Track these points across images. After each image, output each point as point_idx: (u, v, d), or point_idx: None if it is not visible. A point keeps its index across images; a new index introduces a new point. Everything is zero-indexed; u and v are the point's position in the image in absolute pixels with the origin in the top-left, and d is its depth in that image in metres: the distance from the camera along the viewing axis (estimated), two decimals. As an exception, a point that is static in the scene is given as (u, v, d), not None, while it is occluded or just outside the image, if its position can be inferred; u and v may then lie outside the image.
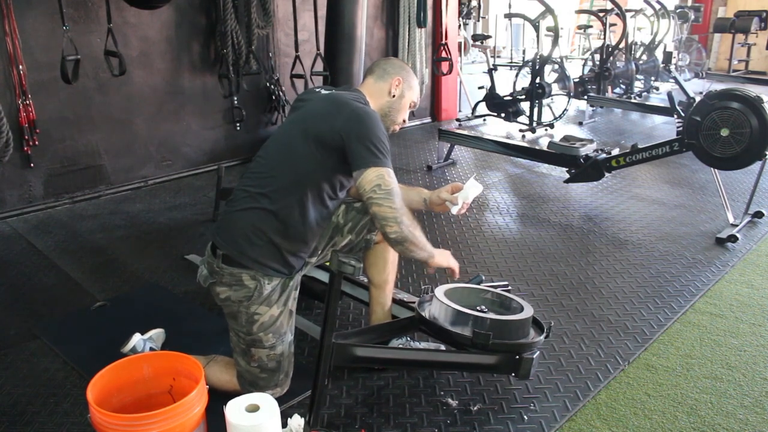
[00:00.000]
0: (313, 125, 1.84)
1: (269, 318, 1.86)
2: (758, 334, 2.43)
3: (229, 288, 1.84)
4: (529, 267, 3.03)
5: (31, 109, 3.73)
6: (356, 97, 1.91)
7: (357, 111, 1.81)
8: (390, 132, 2.00)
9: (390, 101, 2.00)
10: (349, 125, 1.77)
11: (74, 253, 3.26)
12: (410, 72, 2.05)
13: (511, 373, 1.93)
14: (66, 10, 3.63)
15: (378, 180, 1.73)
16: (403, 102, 2.02)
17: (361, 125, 1.78)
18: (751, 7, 9.15)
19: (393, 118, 2.03)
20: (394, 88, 1.99)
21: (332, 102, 1.88)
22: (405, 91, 2.01)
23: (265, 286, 1.83)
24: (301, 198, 1.82)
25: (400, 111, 2.03)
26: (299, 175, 1.82)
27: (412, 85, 2.04)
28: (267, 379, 1.92)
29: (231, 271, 1.82)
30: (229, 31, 4.35)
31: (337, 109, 1.83)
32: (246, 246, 1.81)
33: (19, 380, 2.16)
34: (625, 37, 6.98)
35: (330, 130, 1.79)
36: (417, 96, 2.07)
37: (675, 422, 1.92)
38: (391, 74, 2.00)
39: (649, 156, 3.60)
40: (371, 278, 2.20)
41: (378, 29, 5.83)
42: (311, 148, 1.81)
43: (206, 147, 4.75)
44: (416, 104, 2.09)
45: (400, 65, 2.05)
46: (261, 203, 1.82)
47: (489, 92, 6.05)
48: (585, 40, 10.36)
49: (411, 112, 2.12)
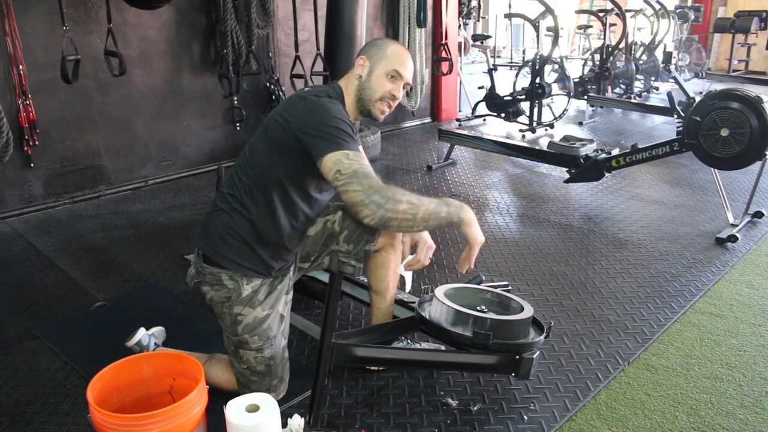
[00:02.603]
0: (271, 127, 1.81)
1: (253, 320, 1.86)
2: (758, 334, 2.43)
3: (211, 287, 1.86)
4: (529, 267, 3.03)
5: (31, 109, 3.73)
6: (318, 92, 1.83)
7: (308, 105, 1.75)
8: (380, 113, 1.89)
9: (360, 83, 1.87)
10: (300, 121, 1.73)
11: (74, 253, 3.26)
12: (382, 45, 1.89)
13: (511, 373, 1.92)
14: (66, 10, 3.63)
15: (336, 165, 1.63)
16: (375, 78, 1.85)
17: (310, 117, 1.72)
18: (751, 7, 9.15)
19: (369, 98, 1.87)
20: (359, 69, 1.87)
21: (289, 101, 1.83)
22: (374, 66, 1.86)
23: (243, 286, 1.84)
24: (267, 200, 1.81)
25: (376, 88, 1.86)
26: (260, 176, 1.81)
27: (386, 55, 1.86)
28: (258, 382, 1.91)
29: (211, 271, 1.84)
30: (229, 31, 4.35)
31: (291, 108, 1.78)
32: (221, 246, 1.83)
33: (19, 380, 2.16)
34: (625, 37, 6.98)
35: (285, 131, 1.75)
36: (396, 63, 1.86)
37: (675, 422, 1.92)
38: (358, 56, 1.90)
39: (649, 156, 3.60)
40: (372, 285, 2.17)
41: (378, 29, 5.83)
42: (270, 149, 1.79)
43: (206, 147, 4.75)
44: (399, 72, 1.86)
45: (371, 44, 1.92)
46: (232, 204, 1.84)
47: (489, 92, 6.05)
48: (585, 40, 10.35)
49: (407, 91, 1.92)
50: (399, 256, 2.12)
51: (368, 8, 5.03)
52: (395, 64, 1.86)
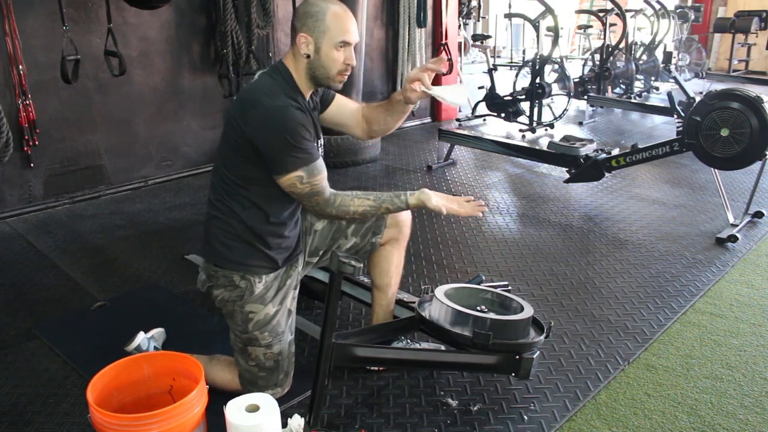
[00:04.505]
0: (229, 131, 1.80)
1: (264, 316, 1.88)
2: (758, 334, 2.43)
3: (224, 289, 1.88)
4: (529, 267, 3.03)
5: (31, 109, 3.73)
6: (270, 92, 1.75)
7: (262, 114, 1.71)
8: (339, 84, 1.82)
9: (309, 62, 1.77)
10: (255, 133, 1.71)
11: (74, 253, 3.26)
12: (317, 14, 1.73)
13: (511, 373, 1.93)
14: (66, 10, 3.63)
15: (291, 188, 1.76)
16: (324, 54, 1.75)
17: (263, 130, 1.70)
18: (751, 7, 9.15)
19: (325, 75, 1.78)
20: (303, 48, 1.75)
21: (242, 104, 1.78)
22: (319, 41, 1.74)
23: (256, 285, 1.86)
24: (249, 198, 1.82)
25: (329, 65, 1.77)
26: (236, 177, 1.81)
27: (327, 27, 1.73)
28: (266, 378, 1.92)
29: (224, 273, 1.86)
30: (229, 31, 4.35)
31: (244, 114, 1.74)
32: (225, 251, 1.85)
33: (19, 380, 2.16)
34: (625, 37, 6.98)
35: (242, 137, 1.74)
36: (340, 33, 1.74)
37: (675, 422, 1.92)
38: (297, 31, 1.76)
39: (649, 156, 3.60)
40: (374, 280, 2.18)
41: (378, 29, 5.83)
42: (234, 151, 1.79)
43: (206, 147, 4.75)
44: (347, 40, 1.76)
45: (305, 14, 1.75)
46: (221, 209, 1.85)
47: (489, 92, 6.05)
48: (585, 40, 10.35)
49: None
50: (403, 252, 2.16)
51: (368, 8, 5.03)
52: (340, 34, 1.74)
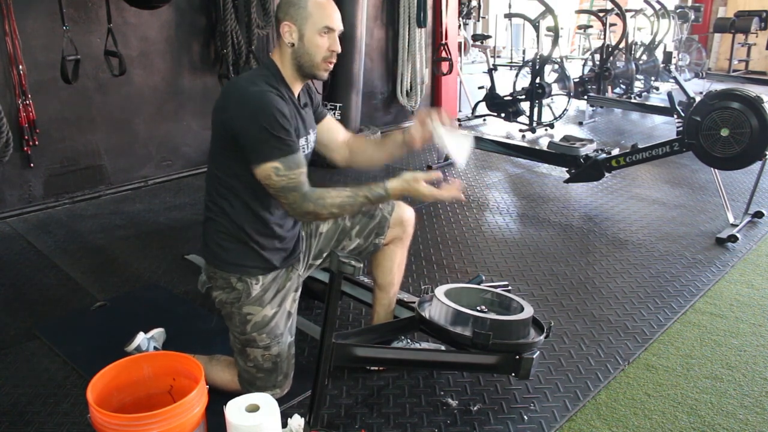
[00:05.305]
0: (213, 122, 1.80)
1: (262, 318, 1.87)
2: (758, 334, 2.43)
3: (222, 291, 1.88)
4: (529, 267, 3.03)
5: (31, 109, 3.73)
6: (254, 79, 1.77)
7: (239, 104, 1.71)
8: (324, 72, 1.83)
9: (293, 51, 1.79)
10: (232, 122, 1.71)
11: (74, 253, 3.26)
12: (300, 3, 1.76)
13: (511, 373, 1.93)
14: (66, 10, 3.63)
15: (266, 180, 1.71)
16: (308, 41, 1.77)
17: (242, 114, 1.69)
18: (751, 7, 9.15)
19: (310, 63, 1.79)
20: (287, 36, 1.77)
21: (222, 96, 1.79)
22: (302, 28, 1.76)
23: (252, 286, 1.86)
24: (237, 197, 1.82)
25: (314, 51, 1.78)
26: (223, 177, 1.82)
27: (309, 13, 1.75)
28: (264, 379, 1.92)
29: (222, 275, 1.87)
30: (229, 31, 4.35)
31: (224, 104, 1.75)
32: (221, 253, 1.86)
33: (19, 380, 2.16)
34: (625, 37, 6.97)
35: (222, 123, 1.74)
36: (323, 18, 1.76)
37: (675, 422, 1.92)
38: (280, 21, 1.78)
39: (649, 156, 3.60)
40: (376, 279, 2.18)
41: (378, 29, 5.82)
42: (218, 147, 1.81)
43: (206, 147, 4.64)
44: (330, 26, 1.78)
45: (285, 3, 1.78)
46: (214, 210, 1.86)
47: (489, 92, 6.05)
48: (585, 40, 10.35)
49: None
50: (406, 251, 2.16)
51: (368, 8, 5.03)
52: (323, 19, 1.76)
